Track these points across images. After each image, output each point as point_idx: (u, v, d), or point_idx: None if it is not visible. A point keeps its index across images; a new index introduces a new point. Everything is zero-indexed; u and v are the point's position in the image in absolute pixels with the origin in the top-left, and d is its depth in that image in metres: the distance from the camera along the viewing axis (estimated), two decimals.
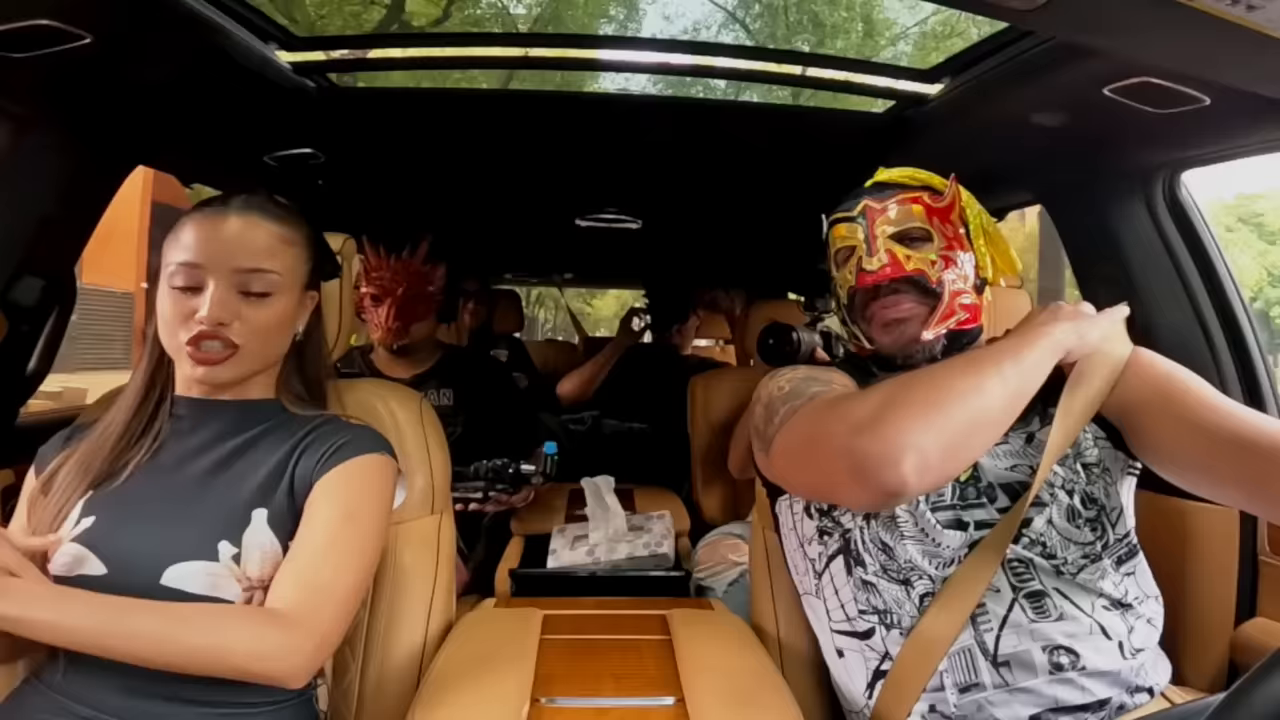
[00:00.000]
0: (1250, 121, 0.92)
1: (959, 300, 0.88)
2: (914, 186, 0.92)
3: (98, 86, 0.98)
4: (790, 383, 0.88)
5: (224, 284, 0.78)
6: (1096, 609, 0.79)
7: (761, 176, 1.68)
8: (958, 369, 0.74)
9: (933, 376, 0.73)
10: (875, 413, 0.70)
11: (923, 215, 0.90)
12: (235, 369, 0.81)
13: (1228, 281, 1.14)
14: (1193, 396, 0.79)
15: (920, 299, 0.89)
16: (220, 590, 0.75)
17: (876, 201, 0.91)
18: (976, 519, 0.82)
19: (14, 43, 0.81)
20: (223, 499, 0.79)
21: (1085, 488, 0.82)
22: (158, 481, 0.80)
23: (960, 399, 0.70)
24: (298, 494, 0.81)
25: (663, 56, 1.27)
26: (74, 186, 1.11)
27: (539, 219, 2.20)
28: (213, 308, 0.76)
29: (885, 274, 0.88)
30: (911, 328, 0.89)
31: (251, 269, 0.79)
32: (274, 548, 0.78)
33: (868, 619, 0.84)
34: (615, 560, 1.57)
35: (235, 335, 0.78)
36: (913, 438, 0.67)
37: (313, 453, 0.82)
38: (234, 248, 0.79)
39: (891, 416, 0.69)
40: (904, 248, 0.89)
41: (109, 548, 0.75)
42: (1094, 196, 1.21)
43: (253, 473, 0.82)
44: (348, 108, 1.29)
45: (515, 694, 0.77)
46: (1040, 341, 0.77)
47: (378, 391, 1.03)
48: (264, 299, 0.80)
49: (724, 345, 3.66)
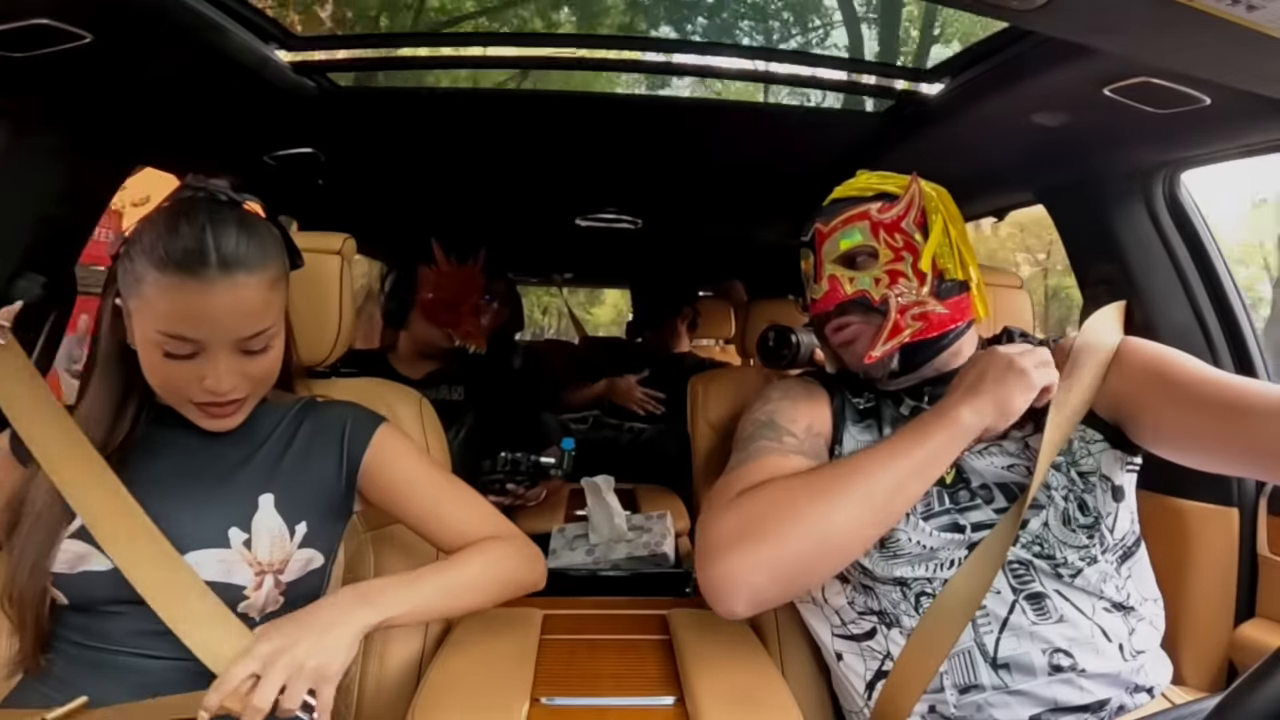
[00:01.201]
0: (1250, 121, 0.92)
1: (910, 314, 0.86)
2: (866, 198, 0.90)
3: (97, 86, 0.98)
4: (753, 425, 0.91)
5: (225, 352, 0.75)
6: (1097, 611, 0.79)
7: (762, 176, 1.68)
8: (825, 485, 0.75)
9: (792, 495, 0.76)
10: (726, 541, 0.75)
11: (866, 232, 0.88)
12: (243, 414, 0.82)
13: (1227, 281, 1.14)
14: (1184, 372, 0.79)
15: (864, 318, 0.89)
16: (233, 575, 0.77)
17: (824, 224, 0.91)
18: (973, 520, 0.82)
19: (14, 42, 0.81)
20: (226, 487, 0.81)
21: (1081, 494, 0.82)
22: (155, 476, 0.80)
23: (803, 527, 0.73)
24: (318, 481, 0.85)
25: (663, 56, 1.27)
26: (74, 186, 1.11)
27: (539, 219, 2.20)
28: (222, 380, 0.75)
29: (826, 301, 0.90)
30: (861, 346, 0.89)
31: (250, 334, 0.76)
32: (282, 531, 0.80)
33: (868, 620, 0.84)
34: (615, 560, 1.57)
35: (241, 391, 0.78)
36: (744, 575, 0.73)
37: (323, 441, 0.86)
38: (231, 321, 0.74)
39: (734, 550, 0.74)
40: (847, 270, 0.88)
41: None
42: (1094, 196, 1.21)
43: (249, 459, 0.83)
44: (348, 108, 1.29)
45: (515, 694, 0.77)
46: (937, 434, 0.77)
47: (377, 391, 1.03)
48: (264, 352, 0.79)
49: (724, 345, 3.66)
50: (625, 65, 1.34)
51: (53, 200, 1.08)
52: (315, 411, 0.90)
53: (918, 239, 0.87)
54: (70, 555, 0.74)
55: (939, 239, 0.87)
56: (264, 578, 0.78)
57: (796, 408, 0.91)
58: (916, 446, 0.76)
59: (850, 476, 0.75)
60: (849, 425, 0.91)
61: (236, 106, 1.17)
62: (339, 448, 0.86)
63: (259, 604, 0.79)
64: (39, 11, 0.76)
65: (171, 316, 0.72)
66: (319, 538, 0.84)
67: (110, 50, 0.86)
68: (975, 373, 0.81)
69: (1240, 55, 0.46)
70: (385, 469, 0.87)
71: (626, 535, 1.63)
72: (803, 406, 0.92)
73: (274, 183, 1.59)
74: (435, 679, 0.80)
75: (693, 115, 1.45)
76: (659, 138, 1.45)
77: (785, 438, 0.87)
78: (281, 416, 0.88)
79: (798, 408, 0.91)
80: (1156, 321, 1.14)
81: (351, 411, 0.90)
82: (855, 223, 0.89)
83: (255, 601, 0.78)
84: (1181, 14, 0.39)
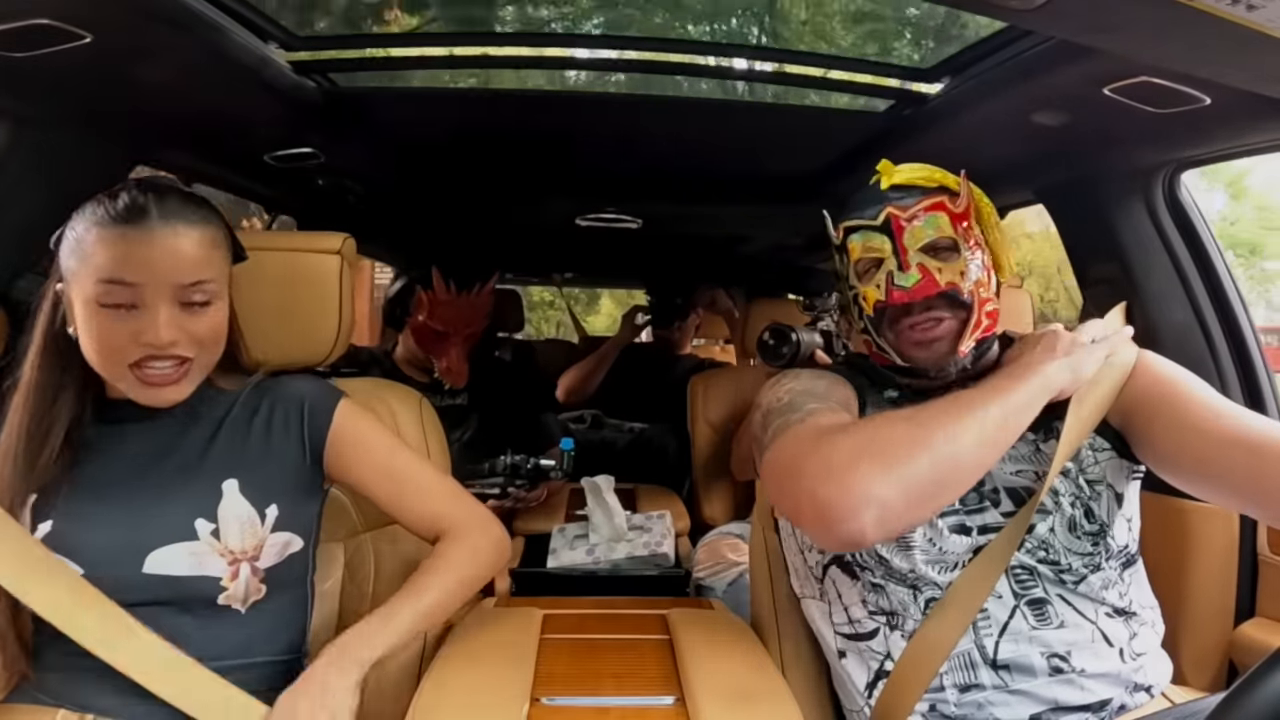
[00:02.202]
0: (1250, 121, 0.92)
1: (985, 309, 0.85)
2: (932, 189, 0.87)
3: (97, 86, 0.98)
4: (789, 394, 0.86)
5: (166, 300, 0.74)
6: (1100, 617, 0.79)
7: (761, 176, 1.68)
8: (938, 414, 0.73)
9: (910, 421, 0.73)
10: (847, 459, 0.70)
11: (949, 224, 0.85)
12: (186, 387, 0.78)
13: (1227, 281, 1.14)
14: (1195, 399, 0.79)
15: (953, 313, 0.85)
16: (206, 568, 0.76)
17: (901, 209, 0.85)
18: (980, 524, 0.81)
19: (14, 42, 0.81)
20: (187, 478, 0.79)
21: (1088, 501, 0.82)
22: (112, 473, 0.78)
23: (932, 448, 0.70)
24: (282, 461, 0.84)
25: (663, 55, 1.27)
26: (74, 186, 1.10)
27: (539, 219, 2.19)
28: (164, 329, 0.73)
29: (921, 291, 0.83)
30: (946, 344, 0.85)
31: (192, 283, 0.75)
32: (251, 516, 0.79)
33: (875, 619, 0.84)
34: (615, 560, 1.57)
35: (184, 350, 0.76)
36: (876, 489, 0.67)
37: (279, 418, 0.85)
38: (170, 263, 0.74)
39: (860, 465, 0.69)
40: (935, 260, 0.84)
41: (80, 547, 0.74)
42: (1094, 196, 1.21)
43: (208, 447, 0.81)
44: (348, 108, 1.29)
45: (515, 694, 0.77)
46: (1031, 381, 0.76)
47: (377, 391, 1.03)
48: (204, 308, 0.77)
49: (724, 345, 3.65)
50: (625, 65, 1.34)
51: (52, 201, 1.08)
52: (272, 389, 0.87)
53: (979, 233, 0.88)
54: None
55: (994, 235, 0.89)
56: (239, 566, 0.77)
57: (829, 385, 0.89)
58: (1012, 390, 0.75)
59: (962, 409, 0.73)
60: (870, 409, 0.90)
61: (236, 106, 1.17)
62: (300, 425, 0.85)
63: (240, 594, 0.78)
64: (39, 11, 0.76)
65: (111, 262, 0.72)
66: (293, 520, 0.83)
67: (110, 50, 0.86)
68: (1044, 344, 0.81)
69: (1240, 55, 0.46)
70: (349, 448, 0.86)
71: (626, 535, 1.63)
72: (827, 385, 0.89)
73: (274, 183, 1.59)
74: (435, 679, 0.80)
75: (693, 115, 1.45)
76: (659, 137, 1.45)
77: (832, 402, 0.84)
78: (235, 398, 0.85)
79: (823, 384, 0.89)
80: (1156, 321, 1.14)
81: (309, 386, 0.89)
82: (936, 212, 0.85)
83: (235, 592, 0.77)
84: (1181, 14, 0.39)
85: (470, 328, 1.64)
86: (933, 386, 0.89)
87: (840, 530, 0.69)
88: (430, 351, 1.65)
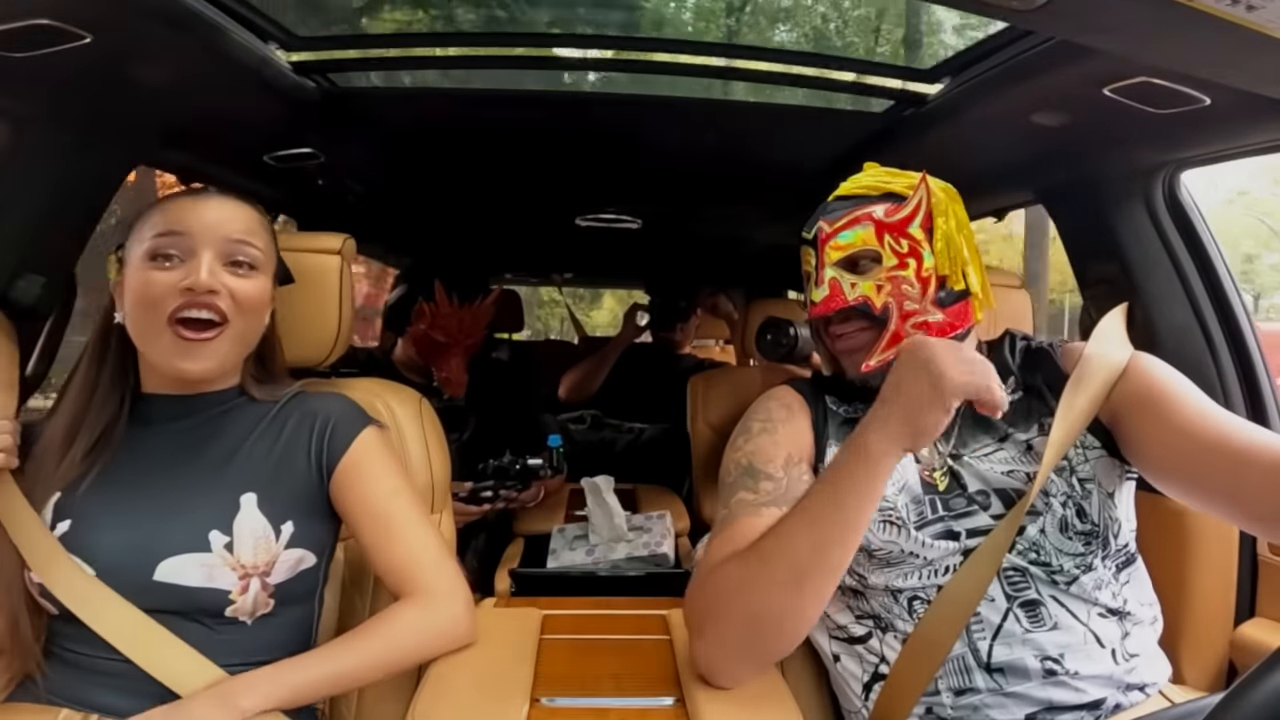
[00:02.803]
0: (1250, 121, 0.92)
1: (910, 322, 0.84)
2: (874, 197, 0.87)
3: (98, 86, 0.98)
4: (735, 469, 0.88)
5: (212, 252, 0.78)
6: (1092, 618, 0.79)
7: (762, 176, 1.68)
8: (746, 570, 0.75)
9: (727, 581, 0.76)
10: (694, 624, 0.80)
11: (872, 236, 0.84)
12: (220, 349, 0.79)
13: (1227, 281, 1.14)
14: (1184, 402, 0.79)
15: (870, 325, 0.86)
16: (216, 580, 0.75)
17: (829, 223, 0.87)
18: (969, 527, 0.81)
19: (14, 42, 0.81)
20: (207, 488, 0.79)
21: (1080, 501, 0.82)
22: (133, 478, 0.79)
23: (740, 610, 0.75)
24: (300, 479, 0.83)
25: (663, 56, 1.27)
26: (74, 186, 1.11)
27: (539, 219, 2.19)
28: (206, 273, 0.76)
29: (827, 306, 0.86)
30: (859, 356, 0.86)
31: (240, 240, 0.80)
32: (266, 531, 0.79)
33: (864, 624, 0.84)
34: (615, 560, 1.57)
35: (223, 302, 0.78)
36: (715, 660, 0.77)
37: (305, 439, 0.84)
38: (221, 219, 0.80)
39: (699, 635, 0.79)
40: (850, 274, 0.85)
41: (93, 550, 0.74)
42: (1094, 196, 1.21)
43: (232, 458, 0.82)
44: (348, 108, 1.29)
45: (515, 694, 0.77)
46: (856, 468, 0.73)
47: (377, 391, 1.03)
48: (250, 272, 0.81)
49: (724, 345, 3.65)
50: (625, 65, 1.34)
51: (52, 201, 1.08)
52: (302, 405, 0.87)
53: (923, 244, 0.84)
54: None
55: (942, 246, 0.85)
56: (249, 581, 0.77)
57: (775, 439, 0.88)
58: (832, 498, 0.74)
59: (773, 548, 0.74)
60: (831, 438, 0.90)
61: (236, 106, 1.17)
62: (321, 444, 0.84)
63: (247, 608, 0.78)
64: (39, 11, 0.76)
65: (166, 218, 0.78)
66: (308, 537, 0.83)
67: (110, 50, 0.86)
68: (893, 379, 0.76)
69: (1240, 55, 0.46)
70: (354, 478, 0.84)
71: (626, 535, 1.63)
72: (781, 434, 0.89)
73: (274, 183, 1.59)
74: (435, 679, 0.80)
75: (693, 115, 1.45)
76: (659, 138, 1.45)
77: (762, 483, 0.84)
78: (266, 412, 0.86)
79: (776, 438, 0.88)
80: (1156, 321, 1.14)
81: (339, 406, 0.88)
82: (860, 224, 0.85)
83: (243, 605, 0.77)
84: (1181, 14, 0.39)
85: (471, 339, 1.65)
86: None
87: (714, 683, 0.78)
88: (430, 361, 1.65)
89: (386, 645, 0.79)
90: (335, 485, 0.84)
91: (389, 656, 0.79)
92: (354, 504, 0.84)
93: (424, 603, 0.82)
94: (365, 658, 0.77)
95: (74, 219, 1.14)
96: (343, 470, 0.84)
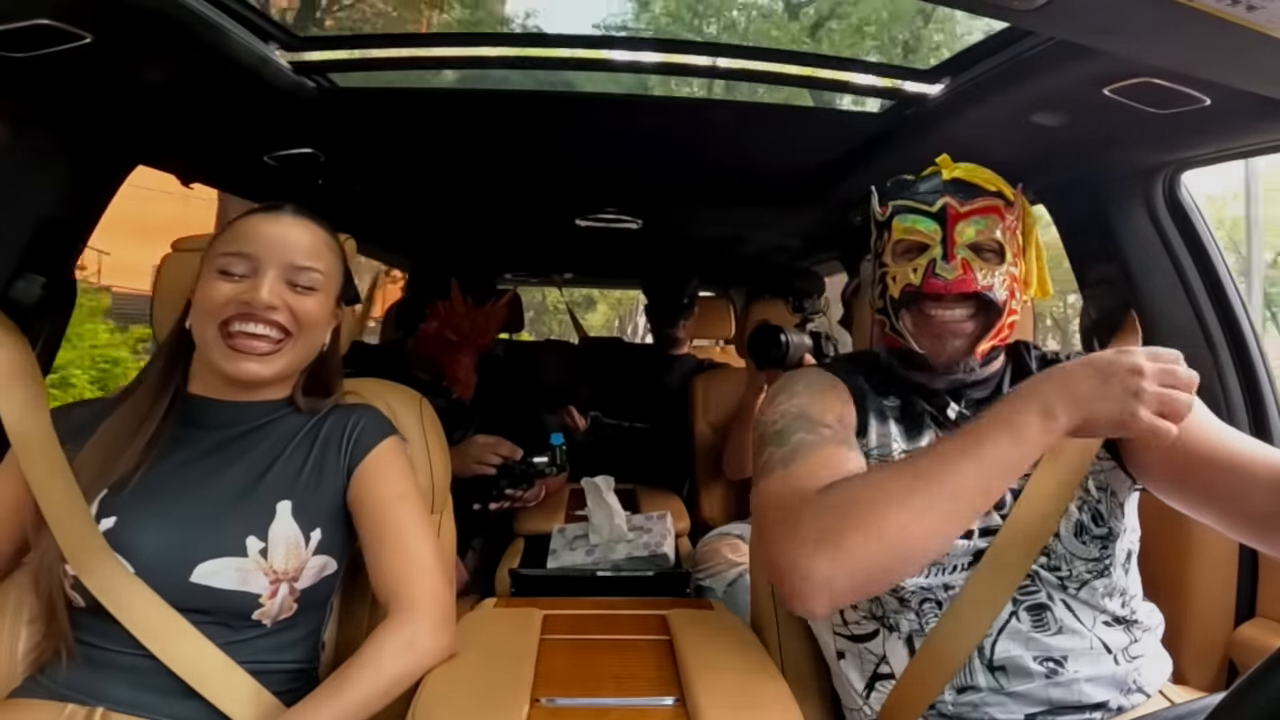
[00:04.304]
0: (1250, 121, 0.92)
1: (1009, 319, 0.86)
2: (991, 192, 0.86)
3: (98, 86, 0.98)
4: (783, 417, 0.85)
5: (275, 274, 0.82)
6: (1097, 624, 0.79)
7: (761, 176, 1.68)
8: (897, 492, 0.69)
9: (870, 502, 0.69)
10: (802, 540, 0.70)
11: (1000, 229, 0.85)
12: (277, 363, 0.83)
13: (1227, 281, 1.14)
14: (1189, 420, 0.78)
15: (979, 314, 0.85)
16: (249, 584, 0.78)
17: (959, 202, 0.85)
18: (981, 526, 0.81)
19: (14, 43, 0.81)
20: (246, 494, 0.81)
21: (1096, 506, 0.82)
22: (177, 480, 0.81)
23: (890, 535, 0.67)
24: (328, 485, 0.85)
25: (663, 56, 1.26)
26: (74, 186, 1.11)
27: (539, 219, 2.19)
28: (268, 292, 0.80)
29: (959, 286, 0.82)
30: (964, 342, 0.85)
31: (302, 265, 0.84)
32: (297, 538, 0.81)
33: (870, 622, 0.84)
34: (615, 560, 1.57)
35: (283, 317, 0.82)
36: (825, 580, 0.68)
37: (335, 445, 0.87)
38: (287, 243, 0.84)
39: (814, 553, 0.69)
40: (979, 260, 0.84)
41: (135, 548, 0.76)
42: (1094, 196, 1.21)
43: (271, 466, 0.84)
44: (348, 108, 1.29)
45: (515, 694, 0.77)
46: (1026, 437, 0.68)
47: (378, 391, 1.03)
48: (309, 292, 0.85)
49: (724, 345, 3.66)
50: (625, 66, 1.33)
51: (52, 201, 1.08)
52: (334, 415, 0.91)
53: (1022, 249, 0.88)
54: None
55: (1032, 253, 0.89)
56: (279, 586, 0.79)
57: (825, 399, 0.86)
58: (1009, 437, 0.68)
59: (935, 478, 0.69)
60: (872, 421, 0.88)
61: (236, 106, 1.17)
62: (346, 447, 0.87)
63: (273, 612, 0.80)
64: (39, 12, 0.76)
65: (238, 235, 0.83)
66: (333, 544, 0.85)
67: (110, 50, 0.86)
68: (1102, 368, 0.68)
69: (1240, 55, 0.46)
70: (368, 480, 0.86)
71: (626, 535, 1.63)
72: (830, 398, 0.87)
73: (274, 183, 1.59)
74: (435, 679, 0.80)
75: (693, 115, 1.45)
76: (659, 138, 1.45)
77: (820, 429, 0.82)
78: (306, 421, 0.89)
79: (825, 399, 0.86)
80: (1156, 321, 1.14)
81: (370, 414, 0.91)
82: (992, 215, 0.85)
83: (269, 609, 0.79)
84: (1181, 14, 0.39)
85: (483, 339, 1.67)
86: (933, 389, 0.89)
87: (795, 605, 0.71)
88: (440, 358, 1.66)
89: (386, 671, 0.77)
90: (352, 487, 0.87)
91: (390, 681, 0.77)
92: (362, 502, 0.86)
93: (406, 620, 0.80)
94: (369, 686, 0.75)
95: (74, 219, 1.15)
96: (360, 472, 0.87)
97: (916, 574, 0.75)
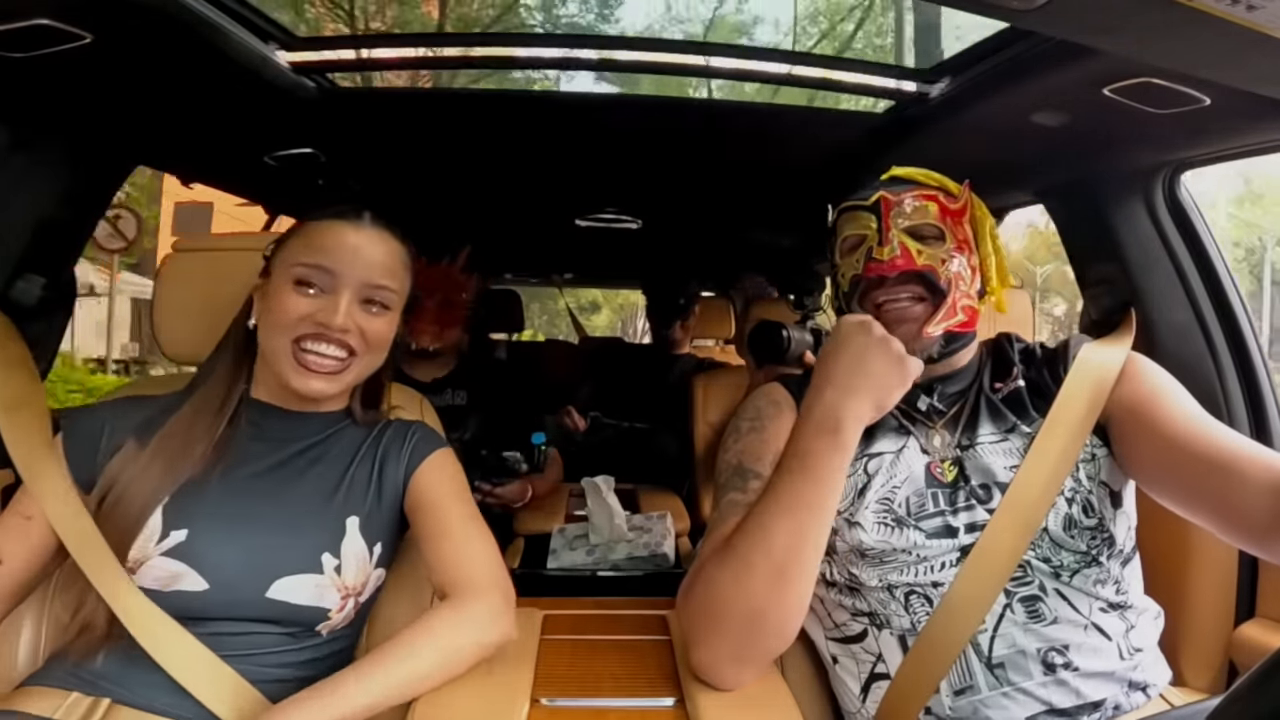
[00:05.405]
0: (1250, 121, 0.92)
1: (960, 302, 0.87)
2: (930, 186, 0.90)
3: (98, 86, 0.98)
4: (724, 470, 0.89)
5: (351, 294, 0.81)
6: (1094, 611, 0.79)
7: (760, 176, 1.68)
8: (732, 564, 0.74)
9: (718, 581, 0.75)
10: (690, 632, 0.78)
11: (937, 214, 0.87)
12: (344, 380, 0.82)
13: (1227, 281, 1.14)
14: (1176, 410, 0.79)
15: (924, 296, 0.86)
16: (323, 600, 0.78)
17: (892, 194, 0.88)
18: (968, 522, 0.81)
19: (14, 43, 0.81)
20: (319, 510, 0.82)
21: (1087, 497, 0.82)
22: (248, 492, 0.80)
23: (735, 612, 0.74)
24: (386, 497, 0.86)
25: (663, 56, 1.26)
26: (74, 186, 1.11)
27: (539, 219, 2.20)
28: (341, 314, 0.79)
29: (896, 265, 0.85)
30: (914, 326, 0.86)
31: (378, 284, 0.83)
32: (364, 554, 0.82)
33: (859, 621, 0.84)
34: (615, 560, 1.57)
35: (354, 340, 0.81)
36: (715, 667, 0.77)
37: (393, 458, 0.88)
38: (366, 260, 0.82)
39: (697, 644, 0.77)
40: (916, 242, 0.86)
41: (210, 563, 0.75)
42: (1094, 196, 1.21)
43: (337, 481, 0.85)
44: (348, 108, 1.29)
45: (515, 694, 0.77)
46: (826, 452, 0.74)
47: None
48: (380, 312, 0.84)
49: (724, 345, 3.66)
50: (625, 66, 1.34)
51: (52, 201, 1.08)
52: (389, 431, 0.91)
53: (972, 238, 0.90)
54: (164, 574, 0.75)
55: (987, 247, 0.91)
56: (349, 600, 0.81)
57: (764, 437, 0.89)
58: (807, 480, 0.74)
59: (751, 543, 0.73)
60: None
61: (236, 106, 1.17)
62: (404, 459, 0.88)
63: (337, 624, 0.81)
64: (39, 12, 0.76)
65: (318, 247, 0.81)
66: (388, 557, 0.87)
67: (110, 51, 0.86)
68: (849, 354, 0.78)
69: (1240, 55, 0.46)
70: (426, 488, 0.87)
71: (627, 535, 1.63)
72: (770, 431, 0.89)
73: (274, 183, 1.59)
74: None
75: (693, 115, 1.45)
76: (659, 138, 1.45)
77: (751, 482, 0.84)
78: (366, 435, 0.89)
79: (765, 436, 0.89)
80: (1156, 321, 1.14)
81: (420, 429, 0.92)
82: (927, 201, 0.88)
83: (335, 622, 0.80)
84: (1181, 14, 0.39)
85: (444, 295, 1.66)
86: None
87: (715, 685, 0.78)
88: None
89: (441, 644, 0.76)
90: (409, 493, 0.87)
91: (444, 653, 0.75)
92: (420, 500, 0.86)
93: (463, 600, 0.79)
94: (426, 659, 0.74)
95: (74, 219, 1.15)
96: (416, 476, 0.87)
97: (794, 633, 0.76)
